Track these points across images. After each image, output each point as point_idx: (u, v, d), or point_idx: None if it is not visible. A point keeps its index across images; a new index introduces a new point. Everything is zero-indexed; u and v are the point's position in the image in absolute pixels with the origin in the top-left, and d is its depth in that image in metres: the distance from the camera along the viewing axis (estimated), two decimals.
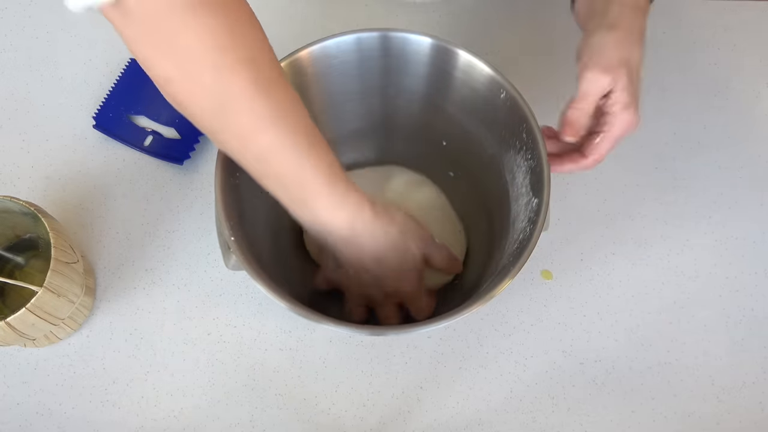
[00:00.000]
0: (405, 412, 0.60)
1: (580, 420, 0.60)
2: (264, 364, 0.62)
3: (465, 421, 0.60)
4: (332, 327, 0.47)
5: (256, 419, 0.60)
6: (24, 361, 0.61)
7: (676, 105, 0.72)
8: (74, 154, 0.69)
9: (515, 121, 0.53)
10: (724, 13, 0.75)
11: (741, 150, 0.70)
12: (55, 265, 0.54)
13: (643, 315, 0.63)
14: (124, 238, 0.66)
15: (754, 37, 0.75)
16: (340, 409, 0.60)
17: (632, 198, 0.68)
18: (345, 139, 0.64)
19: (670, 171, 0.69)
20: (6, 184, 0.67)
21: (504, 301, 0.63)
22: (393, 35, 0.55)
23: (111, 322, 0.63)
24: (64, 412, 0.60)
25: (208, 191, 0.68)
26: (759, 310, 0.64)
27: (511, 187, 0.55)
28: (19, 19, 0.75)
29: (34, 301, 0.53)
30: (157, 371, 0.61)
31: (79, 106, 0.71)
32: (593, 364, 0.62)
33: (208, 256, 0.65)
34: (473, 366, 0.62)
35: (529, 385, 0.61)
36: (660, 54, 0.74)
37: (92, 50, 0.74)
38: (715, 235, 0.66)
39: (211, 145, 0.70)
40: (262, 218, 0.58)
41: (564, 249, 0.65)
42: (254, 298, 0.64)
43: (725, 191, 0.68)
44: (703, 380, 0.61)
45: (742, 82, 0.73)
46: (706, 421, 0.60)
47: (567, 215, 0.67)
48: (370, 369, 0.61)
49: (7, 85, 0.72)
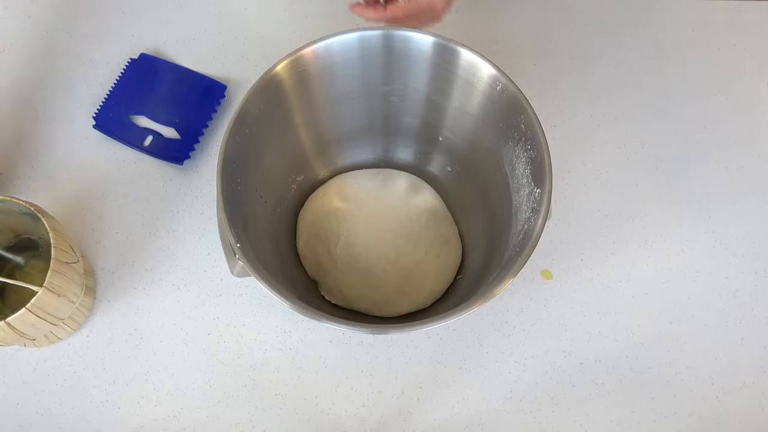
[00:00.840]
0: (405, 412, 0.60)
1: (580, 420, 0.60)
2: (264, 364, 0.62)
3: (465, 421, 0.60)
4: (335, 326, 0.47)
5: (256, 419, 0.60)
6: (24, 361, 0.61)
7: (676, 105, 0.72)
8: (74, 154, 0.69)
9: (513, 113, 0.54)
10: (724, 13, 0.75)
11: (741, 150, 0.70)
12: (55, 265, 0.54)
13: (643, 315, 0.63)
14: (124, 238, 0.66)
15: (754, 37, 0.75)
16: (340, 409, 0.60)
17: (632, 198, 0.68)
18: (346, 135, 0.64)
19: (670, 171, 0.69)
20: (6, 184, 0.67)
21: (504, 301, 0.63)
22: (395, 33, 0.55)
23: (111, 322, 0.63)
24: (64, 412, 0.60)
25: (208, 191, 0.68)
26: (759, 310, 0.64)
27: (511, 179, 0.56)
28: (19, 19, 0.75)
29: (34, 301, 0.53)
30: (157, 371, 0.61)
31: (79, 106, 0.71)
32: (593, 364, 0.62)
33: (208, 256, 0.65)
34: (473, 366, 0.62)
35: (529, 385, 0.61)
36: (660, 54, 0.74)
37: (92, 50, 0.74)
38: (715, 235, 0.66)
39: (211, 145, 0.70)
40: (264, 224, 0.58)
41: (564, 249, 0.65)
42: (254, 298, 0.64)
43: (725, 191, 0.68)
44: (703, 380, 0.61)
45: (742, 82, 0.73)
46: (706, 421, 0.60)
47: (567, 215, 0.67)
48: (370, 369, 0.61)
49: (7, 85, 0.72)
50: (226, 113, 0.71)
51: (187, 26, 0.75)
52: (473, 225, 0.64)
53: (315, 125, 0.62)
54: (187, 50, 0.74)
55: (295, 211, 0.65)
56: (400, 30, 0.55)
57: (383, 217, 0.64)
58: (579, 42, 0.75)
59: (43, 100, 0.71)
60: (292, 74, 0.55)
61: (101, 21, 0.75)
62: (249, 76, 0.72)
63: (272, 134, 0.57)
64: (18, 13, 0.75)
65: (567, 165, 0.68)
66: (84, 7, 0.75)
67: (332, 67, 0.57)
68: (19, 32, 0.74)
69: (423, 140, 0.65)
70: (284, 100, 0.57)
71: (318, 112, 0.61)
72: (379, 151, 0.67)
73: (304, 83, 0.57)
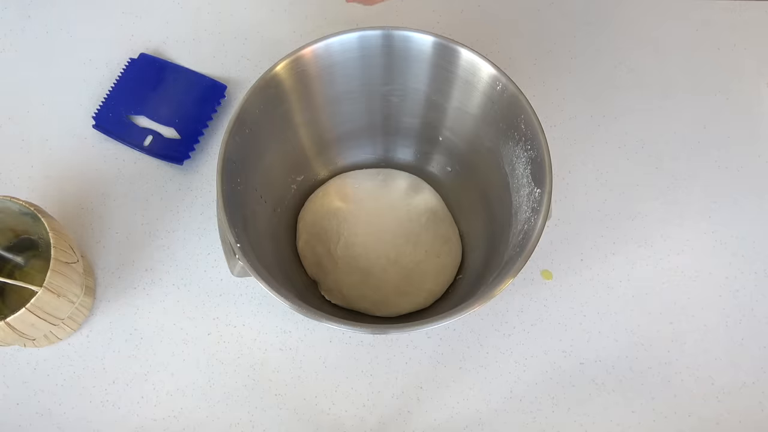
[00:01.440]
0: (405, 412, 0.60)
1: (580, 420, 0.60)
2: (264, 364, 0.61)
3: (465, 421, 0.60)
4: (335, 326, 0.47)
5: (256, 419, 0.60)
6: (24, 361, 0.61)
7: (676, 105, 0.72)
8: (74, 154, 0.69)
9: (513, 113, 0.54)
10: (724, 13, 0.75)
11: (741, 150, 0.70)
12: (55, 265, 0.54)
13: (643, 315, 0.63)
14: (124, 238, 0.66)
15: (754, 37, 0.75)
16: (340, 409, 0.60)
17: (632, 198, 0.68)
18: (346, 135, 0.64)
19: (670, 171, 0.69)
20: (6, 184, 0.67)
21: (504, 301, 0.63)
22: (395, 33, 0.55)
23: (111, 322, 0.63)
24: (64, 412, 0.60)
25: (208, 191, 0.68)
26: (759, 310, 0.64)
27: (511, 179, 0.56)
28: (19, 19, 0.75)
29: (34, 301, 0.53)
30: (157, 371, 0.61)
31: (79, 106, 0.71)
32: (593, 364, 0.62)
33: (208, 256, 0.65)
34: (473, 366, 0.62)
35: (529, 385, 0.61)
36: (660, 54, 0.74)
37: (92, 50, 0.74)
38: (715, 235, 0.66)
39: (211, 145, 0.70)
40: (264, 224, 0.58)
41: (564, 249, 0.65)
42: (254, 298, 0.64)
43: (725, 191, 0.68)
44: (703, 380, 0.61)
45: (742, 82, 0.73)
46: (706, 421, 0.60)
47: (567, 215, 0.67)
48: (370, 369, 0.61)
49: (7, 85, 0.72)
50: (226, 113, 0.71)
51: (187, 26, 0.75)
52: (473, 225, 0.64)
53: (315, 125, 0.62)
54: (187, 50, 0.74)
55: (295, 211, 0.65)
56: (400, 30, 0.55)
57: (383, 217, 0.64)
58: (579, 42, 0.75)
59: (42, 100, 0.71)
60: (292, 74, 0.55)
61: (101, 21, 0.75)
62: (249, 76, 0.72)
63: (272, 134, 0.58)
64: (18, 13, 0.75)
65: (567, 165, 0.68)
66: (84, 7, 0.75)
67: (332, 67, 0.57)
68: (19, 32, 0.74)
69: (423, 140, 0.65)
70: (284, 100, 0.57)
71: (318, 112, 0.61)
72: (379, 151, 0.67)
73: (304, 83, 0.57)
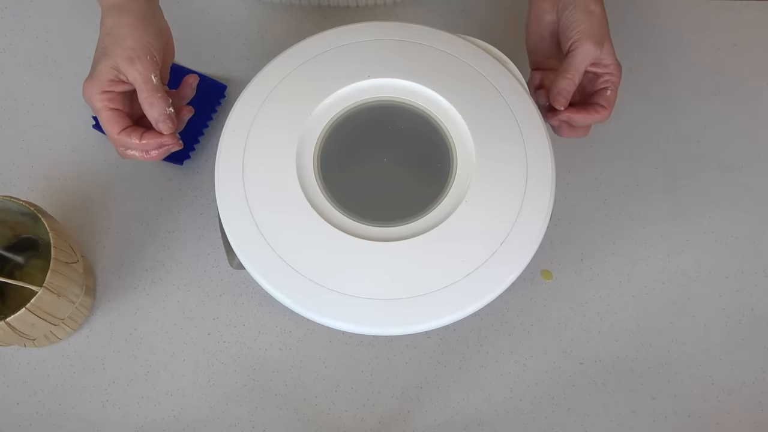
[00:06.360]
0: (405, 412, 0.60)
1: (580, 420, 0.60)
2: (264, 364, 0.61)
3: (465, 421, 0.60)
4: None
5: (256, 419, 0.60)
6: (24, 361, 0.61)
7: (676, 105, 0.72)
8: (74, 154, 0.69)
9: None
10: (724, 13, 0.75)
11: (741, 150, 0.70)
12: (55, 265, 0.54)
13: (643, 315, 0.63)
14: (124, 238, 0.66)
15: (754, 37, 0.74)
16: (340, 409, 0.60)
17: (632, 198, 0.68)
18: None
19: (670, 171, 0.69)
20: (6, 184, 0.67)
21: (504, 301, 0.63)
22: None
23: (111, 322, 0.63)
24: (64, 412, 0.60)
25: (208, 191, 0.68)
26: (759, 310, 0.64)
27: None
28: (19, 19, 0.75)
29: (34, 301, 0.53)
30: (157, 371, 0.61)
31: (79, 106, 0.71)
32: (593, 364, 0.62)
33: (208, 256, 0.65)
34: (473, 366, 0.62)
35: (529, 385, 0.61)
36: (660, 54, 0.74)
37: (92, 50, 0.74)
38: (715, 235, 0.66)
39: (211, 145, 0.70)
40: None
41: (564, 249, 0.65)
42: (254, 298, 0.64)
43: (725, 191, 0.68)
44: (703, 380, 0.61)
45: (742, 82, 0.73)
46: (706, 421, 0.60)
47: (567, 215, 0.67)
48: (370, 369, 0.61)
49: (7, 85, 0.72)
50: (226, 113, 0.71)
51: (187, 26, 0.75)
52: None
53: None
54: (187, 50, 0.74)
55: None
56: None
57: None
58: None
59: (42, 100, 0.71)
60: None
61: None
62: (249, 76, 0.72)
63: None
64: (18, 13, 0.75)
65: (567, 165, 0.68)
66: (84, 7, 0.75)
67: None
68: (19, 32, 0.74)
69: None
70: None
71: None
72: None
73: None
